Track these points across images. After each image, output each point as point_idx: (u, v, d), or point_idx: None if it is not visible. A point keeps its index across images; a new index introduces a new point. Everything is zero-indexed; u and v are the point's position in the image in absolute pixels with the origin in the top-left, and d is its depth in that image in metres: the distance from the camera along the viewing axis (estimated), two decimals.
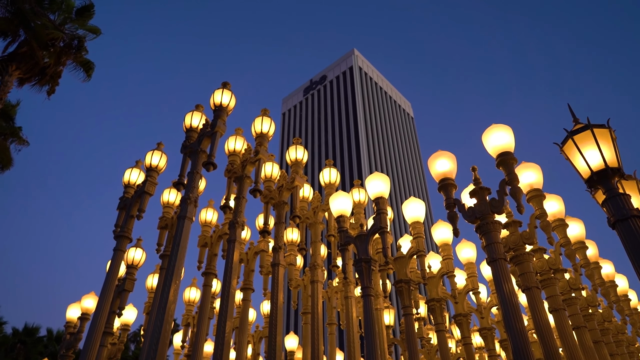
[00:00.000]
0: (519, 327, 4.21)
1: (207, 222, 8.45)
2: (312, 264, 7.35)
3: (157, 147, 8.02)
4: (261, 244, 7.99)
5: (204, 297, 7.45)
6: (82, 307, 8.69)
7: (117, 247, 7.34)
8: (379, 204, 6.23)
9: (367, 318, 5.56)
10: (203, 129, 7.06)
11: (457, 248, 7.55)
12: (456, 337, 10.10)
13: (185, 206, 6.41)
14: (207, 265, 7.71)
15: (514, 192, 4.67)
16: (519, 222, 5.32)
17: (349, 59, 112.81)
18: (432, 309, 6.89)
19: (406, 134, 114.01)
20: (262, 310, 10.48)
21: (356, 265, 5.97)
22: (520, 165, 5.82)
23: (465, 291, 7.32)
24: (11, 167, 19.73)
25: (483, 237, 4.71)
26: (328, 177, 8.23)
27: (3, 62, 16.95)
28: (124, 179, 8.11)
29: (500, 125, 5.16)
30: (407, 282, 6.45)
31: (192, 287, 9.65)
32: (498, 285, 4.44)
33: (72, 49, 18.07)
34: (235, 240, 6.56)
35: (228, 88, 7.32)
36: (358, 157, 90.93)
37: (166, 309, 5.64)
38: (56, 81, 18.25)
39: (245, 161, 7.14)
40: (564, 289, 6.10)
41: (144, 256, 8.39)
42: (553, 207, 6.45)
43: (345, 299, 7.58)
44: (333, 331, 8.77)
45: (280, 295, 6.63)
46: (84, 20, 18.72)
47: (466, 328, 7.27)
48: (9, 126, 19.66)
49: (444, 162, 5.52)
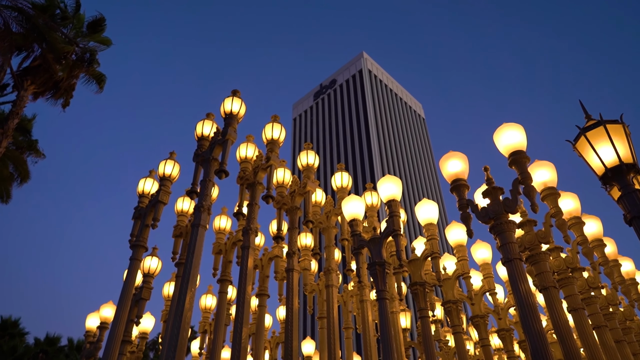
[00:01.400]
0: (536, 327, 4.16)
1: (221, 229, 8.51)
2: (326, 269, 7.35)
3: (170, 157, 8.11)
4: (275, 249, 8.02)
5: (220, 303, 7.49)
6: (101, 316, 8.81)
7: (133, 257, 7.43)
8: (391, 206, 6.22)
9: (382, 321, 5.54)
10: (214, 137, 7.12)
11: (472, 249, 7.49)
12: (474, 338, 10.00)
13: (199, 214, 6.46)
14: (222, 272, 7.76)
15: (528, 190, 4.62)
16: (534, 221, 5.26)
17: (358, 62, 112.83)
18: (448, 311, 6.83)
19: (418, 136, 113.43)
20: (278, 316, 10.49)
21: (370, 268, 5.96)
22: (533, 163, 5.76)
23: (481, 292, 7.25)
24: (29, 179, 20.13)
25: (497, 237, 4.67)
26: (340, 181, 8.23)
27: (19, 77, 17.33)
28: (138, 189, 8.21)
29: (512, 124, 5.12)
30: (422, 284, 6.42)
31: (208, 294, 9.71)
32: (514, 285, 4.39)
33: (85, 62, 18.40)
34: (249, 247, 6.60)
35: (238, 96, 7.38)
36: (370, 160, 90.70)
37: (182, 317, 5.69)
38: (70, 94, 18.59)
39: (257, 168, 7.18)
40: (583, 288, 6.01)
41: (160, 265, 8.47)
42: (568, 205, 6.36)
43: (361, 303, 7.56)
44: (350, 335, 8.74)
45: (295, 301, 6.63)
46: (95, 33, 19.06)
47: (484, 329, 7.20)
48: (25, 140, 20.08)
49: (455, 163, 5.48)
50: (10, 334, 23.66)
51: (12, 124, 16.67)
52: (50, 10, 17.90)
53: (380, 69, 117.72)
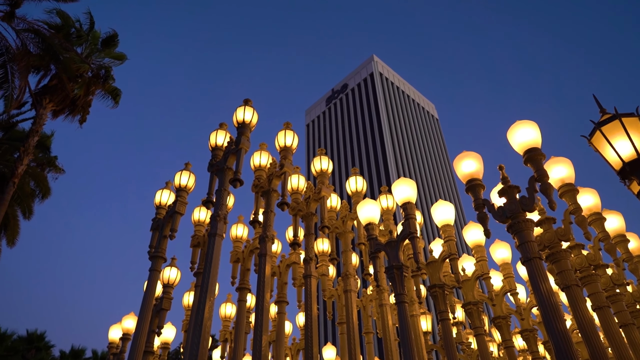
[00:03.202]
0: (560, 327, 4.07)
1: (238, 237, 8.56)
2: (344, 274, 7.33)
3: (185, 167, 8.21)
4: (292, 256, 8.03)
5: (240, 312, 7.52)
6: (123, 327, 8.92)
7: (153, 268, 7.52)
8: (406, 209, 6.19)
9: (402, 325, 5.50)
10: (228, 147, 7.19)
11: (491, 249, 7.39)
12: (497, 340, 9.84)
13: (215, 223, 6.52)
14: (240, 281, 7.80)
15: (545, 188, 4.54)
16: (553, 218, 5.17)
17: (368, 65, 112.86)
18: (469, 313, 6.74)
19: (432, 136, 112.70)
20: (298, 323, 10.50)
21: (388, 272, 5.92)
22: (549, 160, 5.67)
23: (502, 293, 7.14)
24: (50, 195, 20.58)
25: (515, 236, 4.60)
26: (354, 186, 8.22)
27: (37, 96, 17.78)
28: (155, 201, 8.33)
29: (525, 122, 5.05)
30: (441, 286, 6.35)
31: (228, 302, 9.76)
32: (535, 285, 4.32)
33: (100, 78, 18.81)
34: (266, 254, 6.62)
35: (250, 105, 7.45)
36: (385, 163, 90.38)
37: (203, 326, 5.73)
38: (87, 110, 19.00)
39: (271, 175, 7.22)
40: (607, 285, 5.87)
41: (179, 275, 8.56)
42: (588, 201, 6.24)
43: (380, 307, 7.52)
44: (370, 340, 8.69)
45: (314, 307, 6.63)
46: (109, 50, 19.49)
47: (506, 330, 7.08)
48: (45, 156, 20.55)
49: (469, 163, 5.43)
50: (36, 347, 24.12)
51: (33, 142, 17.08)
52: (66, 30, 18.36)
53: (391, 71, 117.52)
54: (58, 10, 17.99)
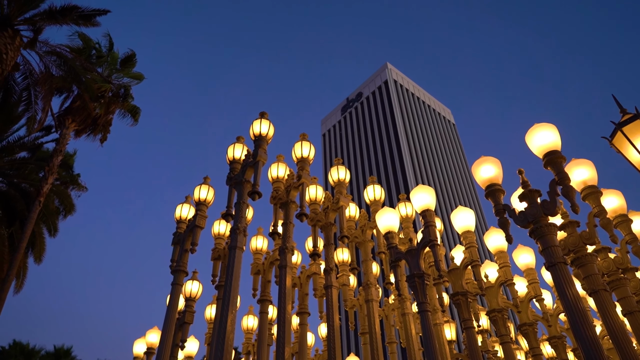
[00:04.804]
0: (589, 334, 3.97)
1: (257, 249, 8.60)
2: (365, 283, 7.29)
3: (204, 182, 8.31)
4: (313, 267, 8.02)
5: (262, 324, 7.53)
6: (147, 341, 9.01)
7: (175, 281, 7.60)
8: (426, 216, 6.14)
9: (426, 334, 5.43)
10: (245, 160, 7.26)
11: (514, 254, 7.26)
12: (524, 348, 9.61)
13: (235, 236, 6.57)
14: (261, 292, 7.82)
15: (567, 191, 4.46)
16: (577, 222, 5.06)
17: (382, 73, 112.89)
18: (494, 321, 6.61)
19: (449, 142, 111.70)
20: (320, 334, 10.44)
21: (409, 281, 5.87)
22: (570, 162, 5.56)
23: (527, 299, 6.99)
24: (74, 212, 21.04)
25: (538, 241, 4.51)
26: (373, 194, 8.20)
27: (60, 117, 18.30)
28: (176, 215, 8.44)
29: (544, 124, 4.98)
30: (464, 294, 6.25)
31: (249, 314, 9.78)
32: (561, 291, 4.22)
33: (120, 97, 19.30)
34: (287, 266, 6.63)
35: (266, 117, 7.52)
36: (402, 171, 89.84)
37: (225, 339, 5.75)
38: (107, 129, 19.49)
39: (289, 187, 7.25)
40: (638, 289, 5.70)
41: (201, 288, 8.63)
42: (612, 202, 6.07)
43: (403, 316, 7.44)
44: (394, 350, 8.59)
45: (336, 317, 6.60)
46: (127, 69, 20.00)
47: (533, 338, 6.91)
48: (68, 175, 21.05)
49: (488, 168, 5.37)
50: None
51: (57, 161, 17.54)
52: (86, 52, 18.92)
53: (405, 78, 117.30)
54: (80, 33, 18.56)
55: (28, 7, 15.96)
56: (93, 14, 17.19)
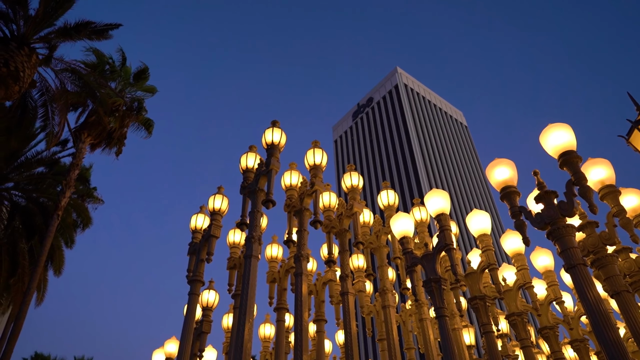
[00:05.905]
0: (612, 336, 3.89)
1: (273, 257, 8.62)
2: (381, 289, 7.25)
3: (218, 191, 8.37)
4: (328, 273, 8.01)
5: (279, 332, 7.53)
6: (166, 352, 9.06)
7: (192, 291, 7.64)
8: (441, 220, 6.09)
9: (444, 339, 5.36)
10: (259, 169, 7.30)
11: (532, 257, 7.16)
12: (545, 352, 9.44)
13: (250, 245, 6.59)
14: (278, 301, 7.83)
15: (584, 191, 4.39)
16: (595, 222, 4.98)
17: (393, 77, 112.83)
18: (513, 324, 6.51)
19: (462, 144, 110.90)
20: (338, 341, 10.38)
21: (426, 285, 5.82)
22: (586, 162, 5.48)
23: (547, 302, 6.87)
24: (91, 225, 21.36)
25: (556, 243, 4.45)
26: (386, 199, 8.17)
27: (76, 131, 18.66)
28: (191, 225, 8.51)
29: (558, 124, 4.92)
30: (482, 298, 6.18)
31: (266, 323, 9.79)
32: (581, 293, 4.15)
33: (133, 110, 19.62)
34: (302, 273, 6.63)
35: (277, 126, 7.56)
36: (416, 175, 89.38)
37: (243, 348, 5.76)
38: (122, 142, 19.80)
39: (303, 194, 7.27)
40: None
41: (217, 297, 8.66)
42: (632, 202, 5.95)
43: (420, 322, 7.36)
44: (412, 356, 8.50)
45: (353, 324, 6.56)
46: (140, 83, 20.35)
47: (555, 341, 6.79)
48: (85, 188, 21.41)
49: (502, 170, 5.32)
50: None
51: (74, 175, 17.85)
52: (100, 67, 19.29)
53: (416, 81, 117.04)
54: (94, 49, 18.95)
55: (43, 26, 16.33)
56: (106, 29, 17.51)
